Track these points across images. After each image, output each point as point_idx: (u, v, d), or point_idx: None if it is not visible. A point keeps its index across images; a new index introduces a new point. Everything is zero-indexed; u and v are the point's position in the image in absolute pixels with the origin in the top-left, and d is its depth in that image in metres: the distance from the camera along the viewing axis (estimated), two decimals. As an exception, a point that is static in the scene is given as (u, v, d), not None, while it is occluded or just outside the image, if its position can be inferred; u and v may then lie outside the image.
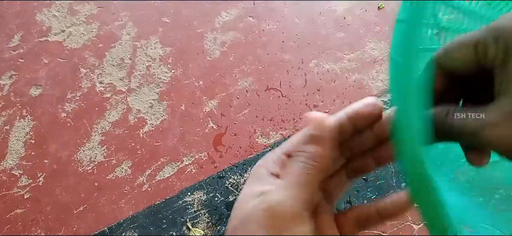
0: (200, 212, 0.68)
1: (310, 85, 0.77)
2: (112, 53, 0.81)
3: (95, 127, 0.74)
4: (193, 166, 0.71)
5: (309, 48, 0.81)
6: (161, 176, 0.70)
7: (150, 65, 0.80)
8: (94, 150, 0.73)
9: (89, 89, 0.78)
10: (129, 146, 0.73)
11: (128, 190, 0.70)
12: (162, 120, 0.75)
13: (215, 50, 0.81)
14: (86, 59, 0.80)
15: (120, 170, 0.71)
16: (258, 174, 0.22)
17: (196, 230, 0.66)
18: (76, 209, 0.69)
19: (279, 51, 0.81)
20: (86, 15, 0.84)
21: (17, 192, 0.70)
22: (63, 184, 0.70)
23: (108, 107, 0.76)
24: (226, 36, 0.82)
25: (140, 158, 0.72)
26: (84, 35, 0.83)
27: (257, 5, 0.85)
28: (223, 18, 0.84)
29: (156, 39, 0.82)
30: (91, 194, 0.69)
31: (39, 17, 0.84)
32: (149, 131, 0.74)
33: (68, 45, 0.82)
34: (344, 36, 0.82)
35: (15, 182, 0.71)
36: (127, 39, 0.82)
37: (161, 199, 0.69)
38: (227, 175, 0.70)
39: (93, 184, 0.70)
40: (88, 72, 0.79)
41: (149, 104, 0.76)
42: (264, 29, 0.83)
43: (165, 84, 0.78)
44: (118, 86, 0.78)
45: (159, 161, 0.71)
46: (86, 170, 0.71)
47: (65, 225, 0.68)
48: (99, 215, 0.68)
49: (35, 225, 0.68)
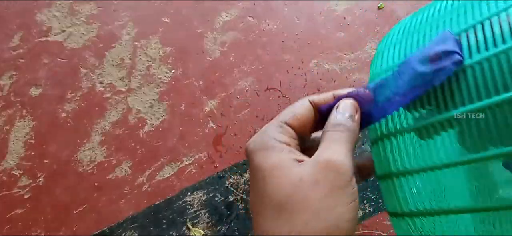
0: (200, 212, 0.68)
1: (310, 85, 0.77)
2: (112, 53, 0.81)
3: (95, 127, 0.74)
4: (193, 166, 0.71)
5: (309, 48, 0.81)
6: (161, 176, 0.70)
7: (150, 65, 0.80)
8: (94, 150, 0.73)
9: (89, 89, 0.78)
10: (129, 146, 0.73)
11: (128, 190, 0.70)
12: (162, 120, 0.75)
13: (215, 50, 0.81)
14: (86, 59, 0.80)
15: (120, 170, 0.71)
16: (272, 147, 0.22)
17: (196, 230, 0.66)
18: (76, 209, 0.69)
19: (279, 51, 0.81)
20: (86, 15, 0.84)
21: (17, 192, 0.70)
22: (63, 184, 0.70)
23: (108, 107, 0.76)
24: (226, 36, 0.82)
25: (140, 158, 0.72)
26: (84, 35, 0.83)
27: (257, 5, 0.85)
28: (223, 18, 0.84)
29: (156, 39, 0.82)
30: (91, 194, 0.69)
31: (39, 17, 0.84)
32: (149, 131, 0.74)
33: (68, 45, 0.82)
34: (344, 36, 0.82)
35: (15, 182, 0.71)
36: (127, 39, 0.82)
37: (161, 199, 0.69)
38: (227, 175, 0.70)
39: (93, 184, 0.70)
40: (88, 72, 0.79)
41: (149, 104, 0.76)
42: (264, 29, 0.83)
43: (165, 84, 0.78)
44: (118, 86, 0.78)
45: (159, 161, 0.71)
46: (86, 170, 0.71)
47: (65, 225, 0.68)
48: (99, 215, 0.68)
49: (35, 225, 0.68)
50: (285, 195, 0.20)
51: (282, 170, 0.21)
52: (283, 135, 0.22)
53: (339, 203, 0.20)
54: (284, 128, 0.23)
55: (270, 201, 0.20)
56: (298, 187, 0.20)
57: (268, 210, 0.20)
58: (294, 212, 0.19)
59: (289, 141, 0.23)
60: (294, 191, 0.20)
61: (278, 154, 0.21)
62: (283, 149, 0.22)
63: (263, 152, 0.22)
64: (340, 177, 0.20)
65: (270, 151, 0.21)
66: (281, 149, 0.22)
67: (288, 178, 0.20)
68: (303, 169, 0.20)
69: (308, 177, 0.20)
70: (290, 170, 0.20)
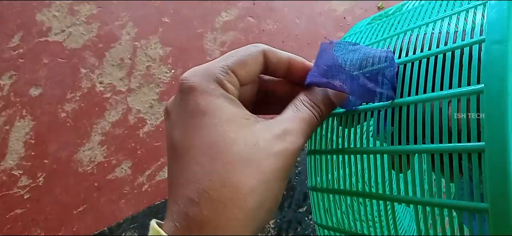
0: (200, 212, 0.68)
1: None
2: (112, 53, 0.81)
3: (95, 127, 0.74)
4: (193, 166, 0.71)
5: (309, 48, 0.81)
6: (161, 176, 0.70)
7: (150, 65, 0.80)
8: (94, 150, 0.73)
9: (89, 89, 0.78)
10: (129, 146, 0.73)
11: (128, 190, 0.70)
12: (162, 120, 0.75)
13: (215, 50, 0.81)
14: (86, 59, 0.80)
15: (120, 170, 0.71)
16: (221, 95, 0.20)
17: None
18: (76, 209, 0.69)
19: (279, 51, 0.81)
20: (86, 15, 0.84)
21: (17, 192, 0.70)
22: (63, 184, 0.70)
23: (108, 107, 0.76)
24: (226, 36, 0.82)
25: (140, 158, 0.72)
26: (84, 35, 0.83)
27: (257, 5, 0.85)
28: (223, 18, 0.84)
29: (156, 39, 0.82)
30: (91, 194, 0.69)
31: (39, 17, 0.84)
32: (149, 131, 0.74)
33: (68, 45, 0.82)
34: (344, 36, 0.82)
35: (15, 182, 0.71)
36: (127, 39, 0.82)
37: (161, 199, 0.69)
38: (227, 175, 0.70)
39: (93, 184, 0.70)
40: (88, 72, 0.79)
41: (149, 104, 0.76)
42: (264, 29, 0.83)
43: (165, 84, 0.78)
44: (118, 86, 0.78)
45: (159, 161, 0.72)
46: (86, 170, 0.71)
47: (65, 225, 0.68)
48: (99, 215, 0.68)
49: (35, 225, 0.68)
50: (237, 154, 0.18)
51: (235, 126, 0.19)
52: (229, 85, 0.21)
53: (277, 188, 0.20)
54: (230, 76, 0.21)
55: (210, 150, 0.19)
56: (252, 152, 0.19)
57: (205, 156, 0.19)
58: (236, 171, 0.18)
59: (234, 92, 0.21)
60: (246, 154, 0.18)
61: (228, 105, 0.20)
62: (233, 101, 0.20)
63: (210, 97, 0.20)
64: (290, 166, 0.20)
65: (219, 99, 0.20)
66: (231, 101, 0.20)
67: (241, 139, 0.19)
68: (259, 134, 0.19)
69: (263, 141, 0.19)
70: (244, 130, 0.19)
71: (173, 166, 0.20)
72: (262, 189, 0.19)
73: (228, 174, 0.18)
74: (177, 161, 0.20)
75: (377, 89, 0.21)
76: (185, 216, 0.18)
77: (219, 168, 0.18)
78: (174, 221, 0.19)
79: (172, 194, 0.20)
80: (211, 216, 0.17)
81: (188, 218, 0.18)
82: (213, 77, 0.20)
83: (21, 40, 0.83)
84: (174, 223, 0.18)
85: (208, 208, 0.18)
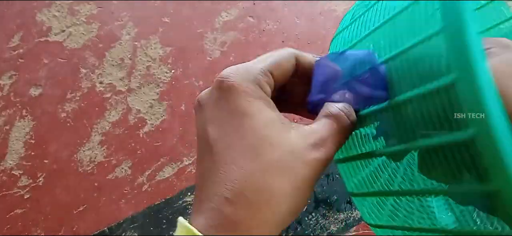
0: (200, 212, 0.68)
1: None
2: (112, 53, 0.81)
3: (95, 127, 0.74)
4: (193, 166, 0.71)
5: (309, 48, 0.81)
6: (161, 176, 0.70)
7: (150, 65, 0.80)
8: (94, 150, 0.73)
9: (89, 89, 0.78)
10: (129, 146, 0.73)
11: (128, 190, 0.70)
12: (162, 120, 0.75)
13: (215, 50, 0.81)
14: (86, 59, 0.80)
15: (120, 170, 0.71)
16: (260, 97, 0.21)
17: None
18: (76, 209, 0.69)
19: (279, 51, 0.81)
20: (86, 15, 0.84)
21: (17, 192, 0.70)
22: (63, 184, 0.70)
23: (108, 107, 0.76)
24: (226, 36, 0.82)
25: (140, 158, 0.72)
26: (84, 35, 0.83)
27: (257, 5, 0.85)
28: (223, 18, 0.84)
29: (156, 39, 0.82)
30: (91, 194, 0.69)
31: (39, 17, 0.84)
32: (149, 131, 0.74)
33: (68, 45, 0.82)
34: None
35: (15, 182, 0.71)
36: (127, 39, 0.82)
37: (161, 199, 0.69)
38: (227, 175, 0.70)
39: (93, 184, 0.70)
40: (88, 72, 0.79)
41: (149, 104, 0.76)
42: (264, 29, 0.83)
43: (165, 84, 0.78)
44: (118, 86, 0.78)
45: (159, 161, 0.71)
46: (86, 170, 0.71)
47: (65, 225, 0.68)
48: (99, 215, 0.68)
49: (35, 225, 0.68)
50: (275, 160, 0.19)
51: (274, 131, 0.20)
52: (267, 87, 0.21)
53: (307, 195, 0.20)
54: (268, 77, 0.21)
55: (249, 153, 0.19)
56: (289, 160, 0.19)
57: (243, 159, 0.19)
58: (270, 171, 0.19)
59: (270, 94, 0.22)
60: (284, 161, 0.19)
61: (267, 109, 0.20)
62: (270, 104, 0.21)
63: (250, 98, 0.20)
64: (321, 174, 0.20)
65: (259, 101, 0.20)
66: (268, 104, 0.21)
67: (280, 146, 0.19)
68: (295, 142, 0.20)
69: (298, 149, 0.20)
70: (281, 136, 0.20)
71: (206, 162, 0.20)
72: (294, 196, 0.19)
73: (265, 178, 0.19)
74: (212, 158, 0.20)
75: (371, 92, 0.21)
76: (219, 214, 0.19)
77: (257, 171, 0.19)
78: (206, 218, 0.19)
79: (204, 190, 0.20)
80: (245, 217, 0.18)
81: (222, 217, 0.18)
82: (253, 78, 0.21)
83: (21, 40, 0.83)
84: (206, 221, 0.19)
85: (243, 209, 0.18)
